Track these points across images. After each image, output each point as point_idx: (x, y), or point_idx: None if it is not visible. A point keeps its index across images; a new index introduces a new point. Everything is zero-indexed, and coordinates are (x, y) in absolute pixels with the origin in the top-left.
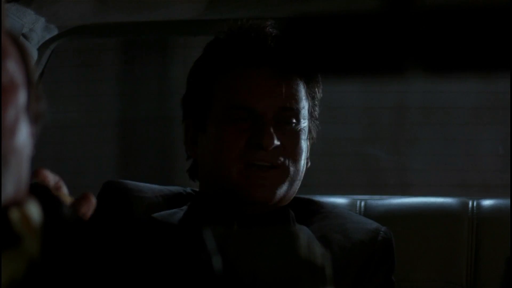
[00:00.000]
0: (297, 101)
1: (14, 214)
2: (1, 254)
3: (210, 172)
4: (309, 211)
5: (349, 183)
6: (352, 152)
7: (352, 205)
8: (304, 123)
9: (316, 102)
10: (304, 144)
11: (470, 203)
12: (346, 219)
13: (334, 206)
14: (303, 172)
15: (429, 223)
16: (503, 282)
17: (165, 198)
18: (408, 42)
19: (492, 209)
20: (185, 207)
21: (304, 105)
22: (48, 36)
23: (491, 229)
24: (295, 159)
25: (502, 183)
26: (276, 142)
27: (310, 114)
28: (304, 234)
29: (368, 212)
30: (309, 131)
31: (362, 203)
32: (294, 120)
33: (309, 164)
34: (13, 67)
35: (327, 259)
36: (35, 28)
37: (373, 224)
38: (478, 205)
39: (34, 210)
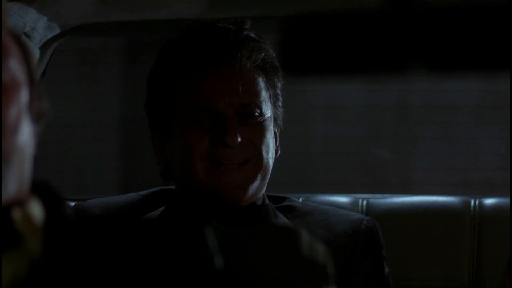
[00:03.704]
0: (256, 95)
1: (16, 213)
2: (3, 253)
3: (181, 175)
4: (290, 207)
5: (351, 182)
6: (354, 151)
7: (354, 204)
8: (267, 114)
9: (277, 90)
10: (270, 135)
11: (472, 202)
12: (329, 214)
13: (318, 204)
14: (272, 163)
15: (431, 222)
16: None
17: (135, 206)
18: (410, 41)
19: (494, 208)
20: (161, 209)
21: (265, 97)
22: (50, 35)
23: (493, 228)
24: (263, 152)
25: (504, 182)
26: (239, 139)
27: (273, 103)
28: (306, 232)
29: (370, 211)
30: (275, 120)
31: (364, 202)
32: (256, 114)
33: (279, 153)
34: (15, 66)
35: (329, 258)
36: (37, 27)
37: (356, 215)
38: (480, 204)
39: (36, 209)
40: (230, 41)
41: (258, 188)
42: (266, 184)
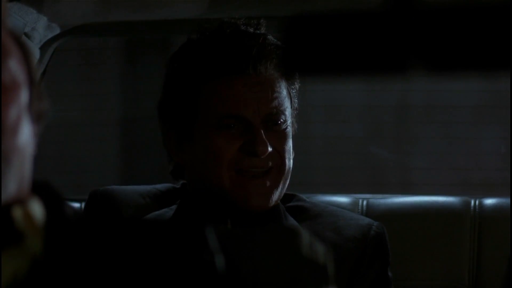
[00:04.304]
0: (281, 103)
1: (17, 212)
2: (3, 251)
3: (201, 179)
4: (299, 208)
5: (351, 182)
6: (354, 151)
7: (354, 204)
8: (289, 120)
9: (295, 92)
10: (291, 140)
11: (472, 202)
12: (339, 217)
13: (327, 205)
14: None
15: (431, 222)
16: (506, 281)
17: (153, 198)
18: (410, 41)
19: (494, 208)
20: (174, 206)
21: (287, 104)
22: (50, 35)
23: (493, 228)
24: (286, 158)
25: (504, 182)
26: (269, 149)
27: (292, 107)
28: (306, 232)
29: (370, 211)
30: (292, 124)
31: (364, 202)
32: (280, 121)
33: (293, 154)
34: (15, 66)
35: (329, 258)
36: (37, 27)
37: (365, 220)
38: (480, 204)
39: (36, 208)
40: (259, 47)
41: (280, 195)
42: (285, 190)
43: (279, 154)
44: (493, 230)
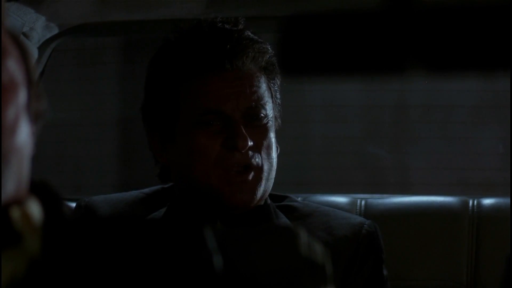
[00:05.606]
0: (261, 97)
1: (15, 213)
2: (1, 252)
3: (187, 178)
4: (290, 207)
5: (350, 182)
6: (353, 150)
7: (353, 204)
8: (270, 115)
9: (276, 87)
10: (273, 135)
11: (471, 202)
12: (330, 217)
13: (318, 205)
14: (276, 161)
15: (429, 222)
16: (504, 281)
17: (139, 204)
18: (409, 41)
19: (492, 208)
20: (163, 209)
21: (268, 99)
22: (48, 35)
23: (491, 228)
24: (269, 153)
25: (502, 182)
26: (250, 143)
27: (273, 101)
28: (304, 232)
29: (369, 211)
30: (275, 118)
31: (363, 202)
32: (261, 116)
33: (278, 150)
34: (13, 66)
35: (327, 258)
36: (36, 27)
37: (357, 219)
38: (479, 204)
39: (34, 209)
40: (234, 42)
41: (265, 190)
42: (271, 185)
43: (261, 149)
44: (491, 230)
